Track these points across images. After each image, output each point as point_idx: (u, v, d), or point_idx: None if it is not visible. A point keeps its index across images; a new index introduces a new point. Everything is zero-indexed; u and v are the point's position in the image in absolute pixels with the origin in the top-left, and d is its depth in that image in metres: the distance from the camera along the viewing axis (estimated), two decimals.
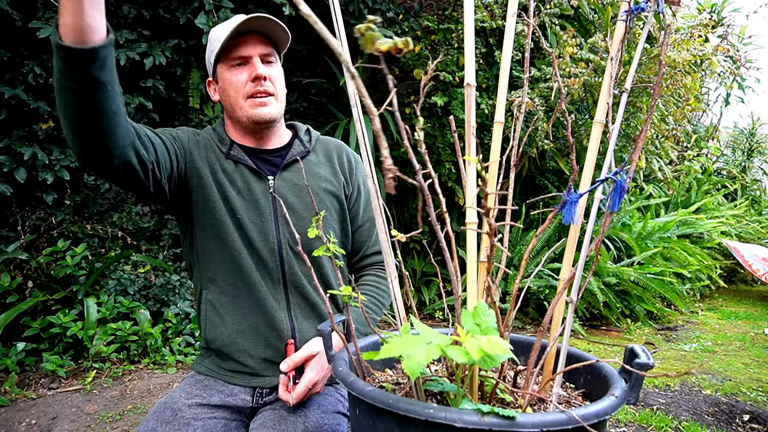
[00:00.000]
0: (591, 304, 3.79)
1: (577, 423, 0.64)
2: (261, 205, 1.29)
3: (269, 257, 1.27)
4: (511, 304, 0.85)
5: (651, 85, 0.94)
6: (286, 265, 1.28)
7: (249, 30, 1.25)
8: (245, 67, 1.26)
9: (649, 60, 3.75)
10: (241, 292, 1.28)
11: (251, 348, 1.26)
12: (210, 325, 1.29)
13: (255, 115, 1.27)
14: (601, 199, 0.83)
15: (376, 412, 0.72)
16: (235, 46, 1.25)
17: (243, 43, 1.25)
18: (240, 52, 1.25)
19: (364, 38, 0.51)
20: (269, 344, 1.26)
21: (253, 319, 1.27)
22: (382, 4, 3.85)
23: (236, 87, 1.26)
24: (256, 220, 1.28)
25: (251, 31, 1.25)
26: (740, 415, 2.45)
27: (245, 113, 1.28)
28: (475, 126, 0.85)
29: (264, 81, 1.26)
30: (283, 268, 1.28)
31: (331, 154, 1.41)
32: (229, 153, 1.31)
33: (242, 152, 1.32)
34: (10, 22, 2.64)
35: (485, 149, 3.56)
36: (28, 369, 2.72)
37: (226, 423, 1.17)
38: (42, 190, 2.88)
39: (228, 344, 1.27)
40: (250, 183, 1.30)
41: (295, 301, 1.30)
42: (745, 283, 5.81)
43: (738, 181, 7.01)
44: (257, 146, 1.35)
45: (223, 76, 1.28)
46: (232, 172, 1.30)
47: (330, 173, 1.38)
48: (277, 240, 1.28)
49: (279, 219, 1.29)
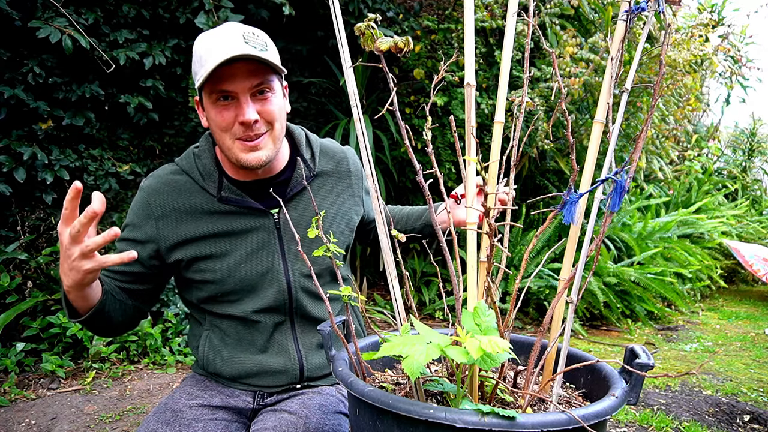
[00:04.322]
0: (591, 304, 3.79)
1: (577, 423, 0.64)
2: (265, 245, 1.19)
3: (277, 297, 1.20)
4: (511, 304, 0.85)
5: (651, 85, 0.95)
6: (294, 303, 1.22)
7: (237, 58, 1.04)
8: (232, 103, 1.08)
9: (650, 60, 3.75)
10: (243, 336, 1.23)
11: (255, 381, 1.24)
12: (209, 362, 1.26)
13: (245, 161, 1.11)
14: (601, 199, 0.83)
15: (376, 413, 0.72)
16: (220, 77, 1.05)
17: (230, 76, 1.05)
18: (225, 86, 1.06)
19: (365, 37, 0.51)
20: (275, 377, 1.24)
21: (258, 358, 1.23)
22: (382, 3, 3.85)
23: (222, 126, 1.09)
24: (261, 263, 1.19)
25: (240, 59, 1.04)
26: (741, 416, 2.44)
27: (234, 155, 1.12)
28: (475, 126, 0.85)
29: (255, 124, 1.09)
30: (292, 305, 1.22)
31: (336, 156, 1.31)
32: (221, 196, 1.17)
33: (237, 190, 1.17)
34: (9, 21, 2.64)
35: (485, 149, 3.56)
36: (27, 369, 2.72)
37: (227, 424, 1.17)
38: (41, 190, 2.88)
39: (229, 378, 1.26)
40: (250, 224, 1.18)
41: (301, 331, 1.25)
42: (746, 283, 5.81)
43: (739, 181, 7.01)
44: (255, 178, 1.20)
45: (208, 107, 1.10)
46: (227, 219, 1.17)
47: (344, 187, 1.29)
48: (287, 279, 1.20)
49: (287, 255, 1.20)
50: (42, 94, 2.83)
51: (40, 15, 2.67)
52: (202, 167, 1.19)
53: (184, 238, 1.16)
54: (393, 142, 3.97)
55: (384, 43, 0.70)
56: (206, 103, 1.11)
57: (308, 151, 1.28)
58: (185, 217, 1.16)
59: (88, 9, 2.84)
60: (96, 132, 3.07)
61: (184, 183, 1.18)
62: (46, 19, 2.66)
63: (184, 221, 1.16)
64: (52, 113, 2.85)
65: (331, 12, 0.83)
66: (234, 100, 1.08)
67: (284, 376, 1.23)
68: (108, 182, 3.05)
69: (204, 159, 1.20)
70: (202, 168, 1.19)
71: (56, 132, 2.90)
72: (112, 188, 3.09)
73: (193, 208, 1.17)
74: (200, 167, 1.19)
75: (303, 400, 1.20)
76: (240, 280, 1.18)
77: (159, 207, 1.17)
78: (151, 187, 1.18)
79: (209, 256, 1.17)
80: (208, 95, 1.09)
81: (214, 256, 1.17)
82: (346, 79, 0.83)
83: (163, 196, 1.17)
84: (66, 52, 2.67)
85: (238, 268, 1.17)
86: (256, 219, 1.19)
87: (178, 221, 1.16)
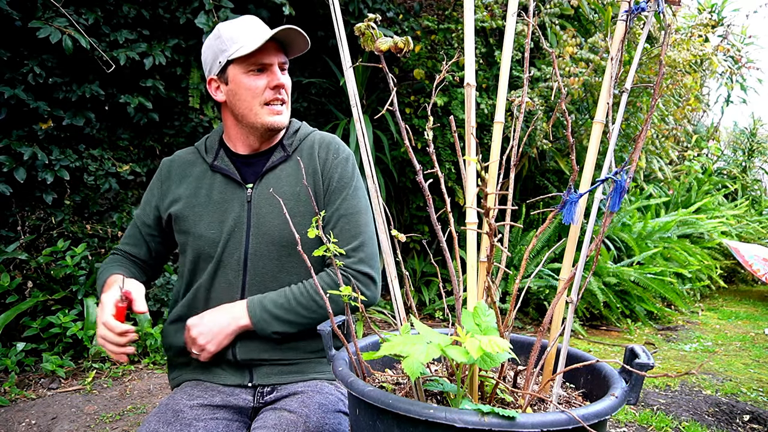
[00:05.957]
0: (591, 304, 3.79)
1: (577, 423, 0.64)
2: (236, 216, 1.30)
3: (234, 267, 1.29)
4: (511, 304, 0.85)
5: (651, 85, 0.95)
6: (248, 275, 1.28)
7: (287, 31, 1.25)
8: (264, 73, 1.27)
9: (649, 60, 3.75)
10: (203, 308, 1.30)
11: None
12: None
13: (270, 123, 1.29)
14: (601, 199, 0.83)
15: (376, 413, 0.72)
16: (256, 51, 1.25)
17: (264, 50, 1.25)
18: (263, 59, 1.26)
19: (365, 37, 0.51)
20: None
21: None
22: (382, 3, 3.85)
23: (254, 93, 1.27)
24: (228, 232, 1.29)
25: (271, 39, 1.25)
26: (740, 416, 2.44)
27: (260, 119, 1.29)
28: (475, 126, 0.85)
29: (282, 89, 1.29)
30: (245, 277, 1.29)
31: (312, 151, 1.35)
32: (214, 164, 1.34)
33: (227, 160, 1.34)
34: (9, 21, 2.64)
35: (485, 149, 3.56)
36: (27, 369, 2.72)
37: (227, 424, 1.17)
38: (42, 190, 2.88)
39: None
40: (227, 194, 1.31)
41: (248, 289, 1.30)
42: (746, 283, 5.81)
43: (738, 181, 7.01)
44: (251, 151, 1.36)
45: (239, 79, 1.27)
46: (213, 185, 1.33)
47: (310, 173, 1.32)
48: (245, 249, 1.28)
49: (252, 227, 1.29)
50: (42, 94, 2.83)
51: (40, 15, 2.67)
52: (208, 142, 1.40)
53: (175, 197, 1.34)
54: (393, 142, 3.97)
55: (384, 43, 0.70)
56: (237, 75, 1.26)
57: (291, 138, 1.38)
58: (181, 181, 1.36)
59: (88, 9, 2.84)
60: (96, 132, 3.07)
61: (191, 155, 1.40)
62: (47, 19, 2.66)
63: (180, 184, 1.36)
64: (53, 113, 2.85)
65: (331, 12, 0.83)
66: (265, 72, 1.27)
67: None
68: (108, 182, 3.05)
69: (212, 137, 1.41)
70: (209, 143, 1.39)
71: (56, 132, 2.90)
72: (112, 188, 3.09)
73: (189, 173, 1.36)
74: (207, 143, 1.40)
75: (303, 399, 1.20)
76: (209, 243, 1.30)
77: (167, 172, 1.39)
78: (167, 160, 1.43)
79: (187, 216, 1.31)
80: (241, 67, 1.26)
81: (190, 217, 1.31)
82: (346, 79, 0.83)
83: (173, 165, 1.40)
84: (66, 52, 2.67)
85: (208, 233, 1.30)
86: (234, 191, 1.32)
87: (177, 183, 1.36)
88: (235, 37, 1.25)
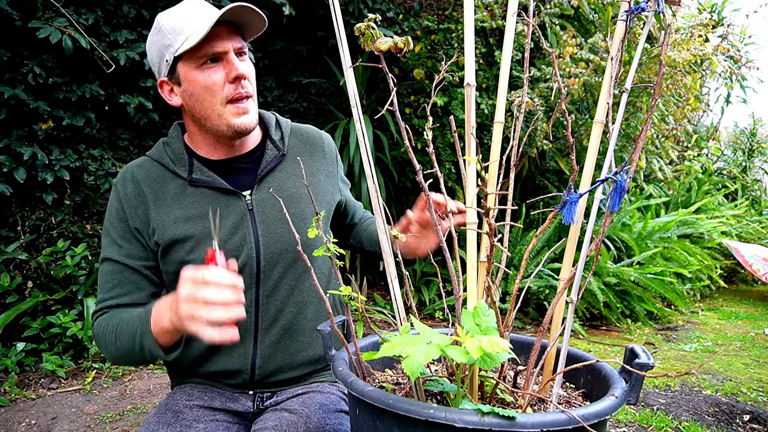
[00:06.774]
0: (591, 304, 3.79)
1: (577, 423, 0.64)
2: (237, 227, 1.17)
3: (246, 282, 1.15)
4: (511, 304, 0.85)
5: (651, 85, 0.95)
6: (261, 287, 1.18)
7: (220, 21, 1.06)
8: (219, 64, 1.09)
9: (649, 60, 3.75)
10: None
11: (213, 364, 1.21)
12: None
13: (238, 126, 1.12)
14: (601, 199, 0.83)
15: (376, 413, 0.72)
16: (206, 40, 1.06)
17: (215, 36, 1.06)
18: (214, 47, 1.07)
19: (365, 37, 0.51)
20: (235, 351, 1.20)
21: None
22: (382, 4, 3.85)
23: (212, 90, 1.09)
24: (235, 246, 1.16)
25: (221, 22, 1.07)
26: (740, 416, 2.44)
27: (225, 121, 1.12)
28: (475, 126, 0.85)
29: (243, 81, 1.11)
30: (258, 290, 1.18)
31: (313, 143, 1.30)
32: (192, 178, 1.16)
33: (208, 171, 1.17)
34: (9, 21, 2.64)
35: (485, 149, 3.56)
36: (27, 369, 2.72)
37: (227, 426, 1.16)
38: (42, 190, 2.88)
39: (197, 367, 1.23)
40: (220, 208, 1.16)
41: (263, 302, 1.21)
42: (746, 283, 5.81)
43: (738, 181, 7.01)
44: (228, 156, 1.20)
45: (192, 77, 1.09)
46: (198, 202, 1.15)
47: (320, 167, 1.28)
48: (257, 259, 1.17)
49: (260, 237, 1.18)
50: (42, 94, 2.83)
51: (40, 15, 2.67)
52: (171, 153, 1.19)
53: (157, 224, 1.15)
54: (393, 142, 3.97)
55: (384, 43, 0.70)
56: (189, 72, 1.10)
57: (278, 133, 1.27)
58: (158, 203, 1.16)
59: (88, 9, 2.84)
60: (96, 132, 3.07)
61: (155, 171, 1.19)
62: (47, 19, 2.66)
63: (157, 207, 1.16)
64: (53, 113, 2.85)
65: (331, 12, 0.83)
66: (220, 62, 1.09)
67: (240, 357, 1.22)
68: (108, 182, 3.05)
69: (173, 145, 1.20)
70: (172, 153, 1.19)
71: (56, 132, 2.91)
72: (112, 188, 3.09)
73: (163, 193, 1.16)
74: (170, 153, 1.19)
75: (303, 399, 1.20)
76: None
77: (136, 195, 1.16)
78: (125, 182, 1.18)
79: (183, 239, 1.14)
80: (192, 62, 1.08)
81: (188, 240, 1.14)
82: (346, 79, 0.83)
83: (140, 185, 1.17)
84: (66, 52, 2.67)
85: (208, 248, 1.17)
86: (228, 200, 1.17)
87: (155, 207, 1.16)
88: (178, 27, 1.07)
